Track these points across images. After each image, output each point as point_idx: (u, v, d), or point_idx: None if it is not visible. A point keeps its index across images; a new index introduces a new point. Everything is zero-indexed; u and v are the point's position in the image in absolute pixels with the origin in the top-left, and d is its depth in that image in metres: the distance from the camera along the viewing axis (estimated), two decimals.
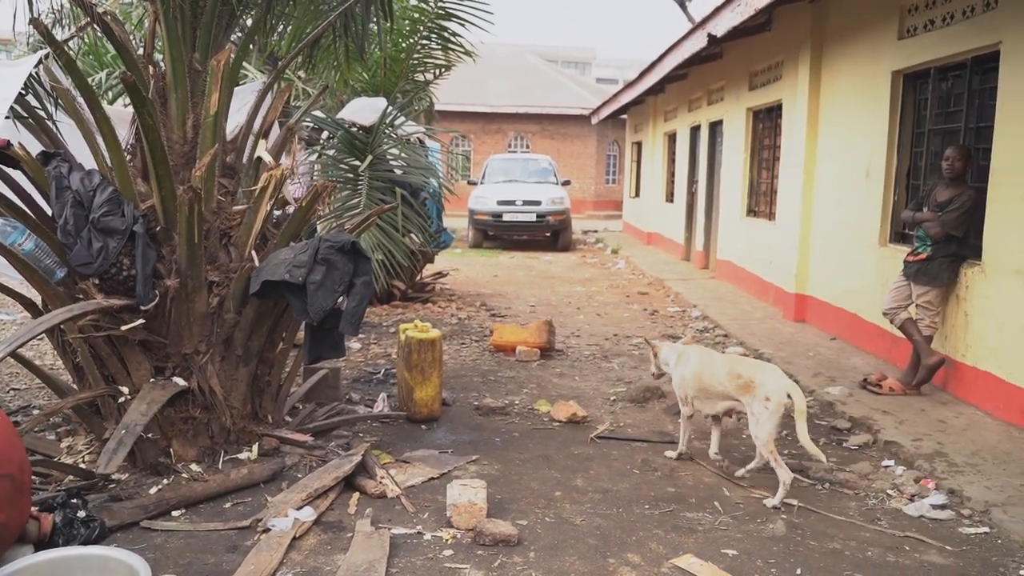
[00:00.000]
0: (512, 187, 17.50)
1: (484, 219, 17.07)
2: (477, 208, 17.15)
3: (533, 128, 31.81)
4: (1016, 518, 3.87)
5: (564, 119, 31.46)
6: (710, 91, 13.22)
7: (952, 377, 5.94)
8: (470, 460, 4.54)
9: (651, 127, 18.05)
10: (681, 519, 3.84)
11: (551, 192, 17.29)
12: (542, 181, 18.23)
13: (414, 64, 9.47)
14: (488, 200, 17.06)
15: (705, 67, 12.71)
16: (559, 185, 18.20)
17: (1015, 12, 5.37)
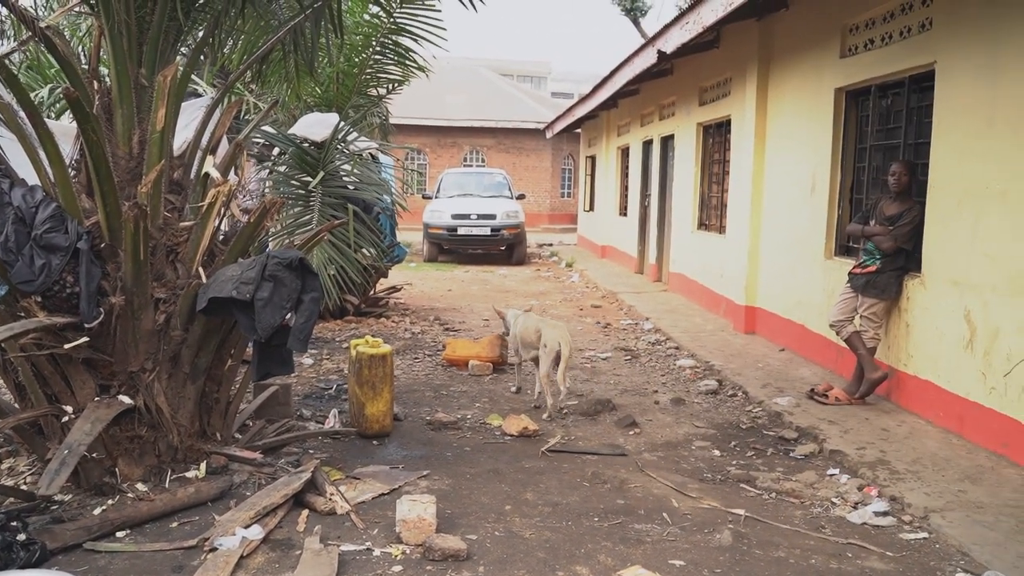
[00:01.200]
0: (467, 201, 17.55)
1: (439, 233, 17.07)
2: (432, 222, 17.16)
3: (489, 142, 31.92)
4: (953, 523, 3.98)
5: (519, 133, 31.62)
6: (662, 106, 13.41)
7: (895, 386, 6.09)
8: (421, 475, 4.54)
9: (604, 141, 18.23)
10: (630, 531, 3.88)
11: (506, 206, 17.36)
12: (497, 195, 18.31)
13: (367, 79, 9.47)
14: (443, 214, 17.08)
15: (656, 83, 12.89)
16: (514, 199, 18.30)
17: (948, 33, 5.55)
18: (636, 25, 28.78)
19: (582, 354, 7.98)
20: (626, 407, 6.04)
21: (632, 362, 7.70)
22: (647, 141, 14.38)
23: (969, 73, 5.32)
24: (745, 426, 5.70)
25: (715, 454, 5.11)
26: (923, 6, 6.00)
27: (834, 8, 7.21)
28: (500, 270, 15.95)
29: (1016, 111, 4.87)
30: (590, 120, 19.14)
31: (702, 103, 11.16)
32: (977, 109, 5.23)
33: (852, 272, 6.14)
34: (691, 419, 5.84)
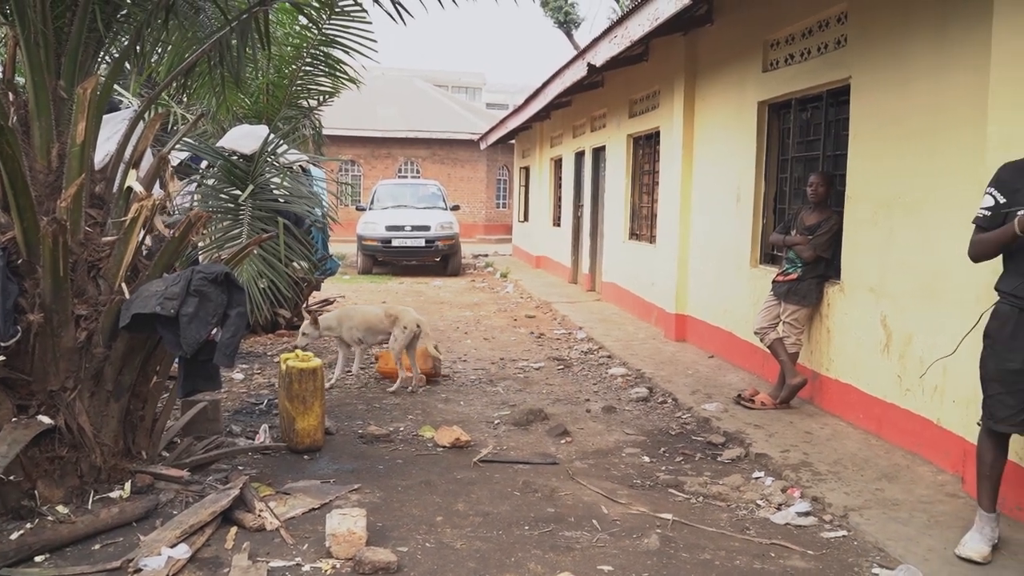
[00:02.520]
0: (401, 213, 17.51)
1: (373, 245, 16.99)
2: (366, 234, 17.07)
3: (423, 153, 31.90)
4: (871, 520, 4.13)
5: (454, 144, 31.67)
6: (593, 118, 13.59)
7: (817, 390, 6.27)
8: (352, 489, 4.52)
9: (538, 152, 18.38)
10: (560, 538, 3.93)
11: (440, 217, 17.37)
12: (431, 206, 18.30)
13: (298, 90, 9.39)
14: (377, 226, 17.01)
15: (588, 95, 13.06)
16: (448, 210, 18.32)
17: (862, 50, 5.76)
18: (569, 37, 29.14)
19: (515, 364, 8.03)
20: (558, 416, 6.10)
21: (565, 371, 7.78)
22: (579, 152, 14.55)
23: (882, 88, 5.53)
24: (674, 432, 5.80)
25: (645, 460, 5.19)
26: (838, 23, 6.22)
27: (756, 24, 7.42)
28: (435, 281, 15.94)
29: (925, 124, 5.08)
30: (524, 131, 19.29)
31: (632, 115, 11.35)
32: (890, 122, 5.44)
33: (775, 280, 6.32)
34: (622, 426, 5.93)
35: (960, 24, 4.74)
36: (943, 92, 4.90)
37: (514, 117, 17.31)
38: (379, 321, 6.85)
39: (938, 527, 4.05)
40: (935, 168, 4.98)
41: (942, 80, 4.92)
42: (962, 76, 4.70)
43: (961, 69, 4.73)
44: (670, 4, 6.90)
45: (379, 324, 6.84)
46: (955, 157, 4.77)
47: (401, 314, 6.82)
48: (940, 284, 4.90)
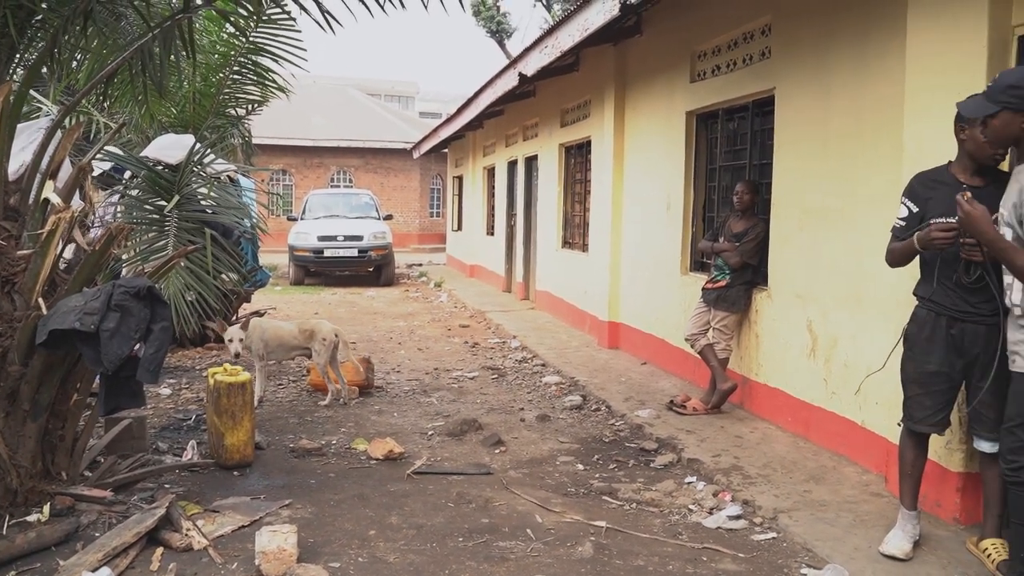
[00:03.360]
0: (333, 222, 17.32)
1: (305, 255, 16.77)
2: (297, 244, 16.84)
3: (356, 162, 31.65)
4: (799, 522, 4.21)
5: (387, 153, 31.50)
6: (525, 127, 13.65)
7: (748, 395, 6.38)
8: (283, 504, 4.44)
9: (471, 161, 18.39)
10: (494, 549, 3.91)
11: (373, 227, 17.24)
12: (364, 216, 18.15)
13: (226, 99, 9.23)
14: (309, 236, 16.79)
15: (520, 104, 13.12)
16: (381, 220, 18.19)
17: (786, 61, 5.91)
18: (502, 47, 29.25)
19: (449, 374, 8.00)
20: (492, 426, 6.09)
21: (499, 381, 7.77)
22: (512, 161, 14.60)
23: (805, 99, 5.67)
24: (608, 439, 5.84)
25: (579, 468, 5.21)
26: (763, 35, 6.36)
27: (684, 35, 7.55)
28: (368, 292, 15.79)
29: (845, 135, 5.23)
30: (457, 140, 19.29)
31: (564, 124, 11.43)
32: (813, 132, 5.58)
33: (705, 287, 6.42)
34: (556, 435, 5.94)
35: (878, 37, 4.89)
36: (863, 102, 5.05)
37: (447, 126, 17.29)
38: (292, 337, 6.74)
39: (863, 526, 4.15)
40: (857, 176, 5.12)
41: (862, 91, 5.07)
42: (881, 87, 4.85)
43: (880, 81, 4.88)
44: (599, 15, 6.97)
45: (292, 340, 6.73)
46: (875, 166, 4.91)
47: (316, 327, 6.74)
48: (863, 289, 5.04)
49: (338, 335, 6.77)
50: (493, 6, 27.93)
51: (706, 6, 7.08)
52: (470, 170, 18.59)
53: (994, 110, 3.42)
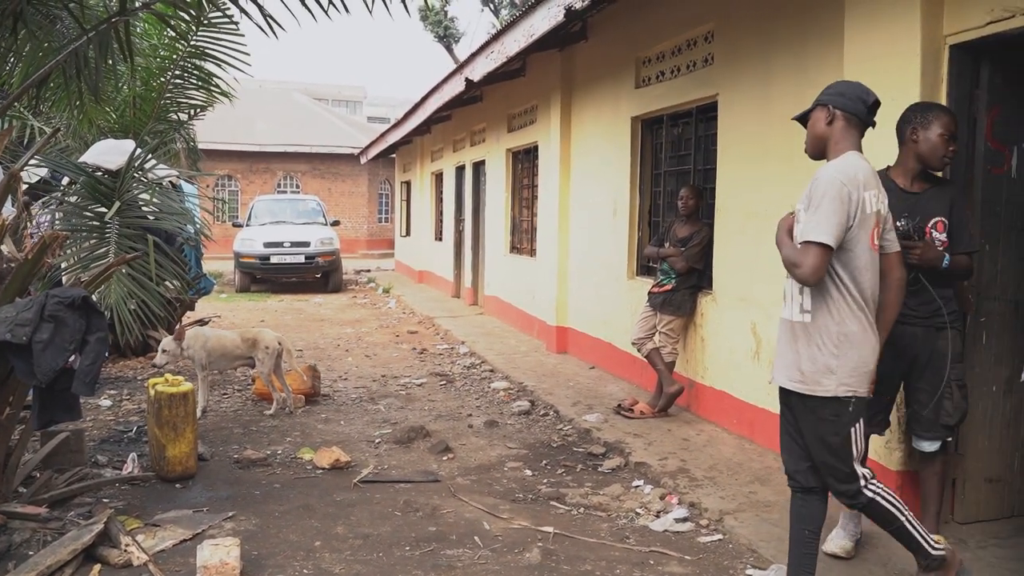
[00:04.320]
0: (279, 229, 17.10)
1: (251, 262, 16.52)
2: (243, 251, 16.58)
3: (303, 167, 31.31)
4: (744, 523, 4.25)
5: (335, 158, 31.21)
6: (472, 132, 13.64)
7: (694, 398, 6.44)
8: (226, 517, 4.35)
9: (419, 167, 18.32)
10: (441, 557, 3.88)
11: (320, 233, 17.06)
12: (310, 222, 17.95)
13: (167, 103, 9.06)
14: (254, 242, 16.55)
15: (467, 109, 13.10)
16: (328, 225, 18.01)
17: (728, 68, 5.98)
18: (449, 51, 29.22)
19: (397, 381, 7.94)
20: (440, 432, 6.05)
21: (447, 387, 7.73)
22: (460, 166, 14.58)
23: (746, 105, 5.75)
24: (556, 444, 5.85)
25: (527, 474, 5.20)
26: (706, 42, 6.44)
27: (629, 42, 7.61)
28: (315, 298, 15.62)
29: (785, 141, 5.30)
30: (405, 145, 19.19)
31: (511, 130, 11.44)
32: (754, 138, 5.66)
33: (651, 291, 6.47)
34: (504, 441, 5.93)
35: (817, 45, 4.98)
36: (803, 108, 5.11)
37: (394, 131, 17.20)
38: (235, 346, 6.62)
39: None
40: (797, 182, 5.18)
41: (802, 97, 5.11)
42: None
43: (819, 87, 4.92)
44: (544, 21, 6.99)
45: (235, 349, 6.62)
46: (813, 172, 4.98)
47: (259, 336, 6.66)
48: None
49: (282, 343, 6.67)
50: (440, 11, 27.91)
51: (650, 13, 7.14)
52: (418, 175, 18.52)
53: None
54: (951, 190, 3.76)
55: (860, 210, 3.05)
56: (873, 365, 3.13)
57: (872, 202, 3.08)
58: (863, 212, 3.05)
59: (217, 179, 29.53)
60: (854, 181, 3.06)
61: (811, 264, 3.00)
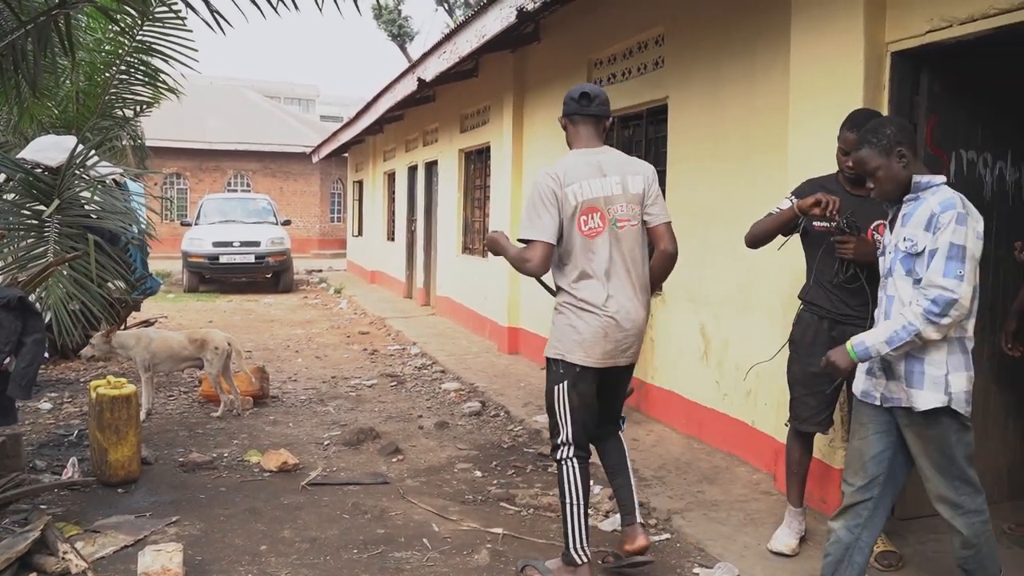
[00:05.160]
0: (229, 228, 16.86)
1: (199, 262, 16.26)
2: (191, 250, 16.31)
3: (254, 166, 30.95)
4: (692, 522, 4.29)
5: (287, 157, 30.90)
6: (425, 132, 13.59)
7: (643, 398, 6.49)
8: (170, 522, 4.27)
9: (371, 166, 18.20)
10: (389, 560, 3.85)
11: (270, 232, 16.86)
12: (261, 221, 17.74)
13: (112, 99, 8.87)
14: (203, 242, 16.29)
15: (420, 109, 13.05)
16: (279, 225, 17.81)
17: (678, 71, 6.04)
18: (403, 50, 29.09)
19: (347, 383, 7.87)
20: (390, 434, 6.01)
21: (398, 388, 7.69)
22: (412, 166, 14.52)
23: (697, 107, 5.81)
24: (506, 445, 5.84)
25: (477, 475, 5.19)
26: (657, 45, 6.49)
27: (581, 44, 7.64)
28: (266, 299, 15.43)
29: (735, 143, 5.38)
30: (357, 145, 19.06)
31: (463, 130, 11.42)
32: (704, 140, 5.72)
33: None
34: (454, 442, 5.91)
35: (765, 51, 5.04)
36: (752, 112, 5.20)
37: (346, 130, 17.07)
38: (182, 347, 6.50)
39: (753, 524, 4.26)
40: (745, 184, 5.27)
41: (751, 101, 5.22)
42: (768, 98, 5.00)
43: (767, 92, 5.03)
44: (496, 22, 7.00)
45: (183, 350, 6.50)
46: (763, 173, 5.06)
47: (208, 336, 6.55)
48: (752, 293, 5.19)
49: (231, 344, 6.57)
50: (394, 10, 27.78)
51: (602, 15, 7.18)
52: (371, 175, 18.40)
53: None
54: None
55: (563, 204, 3.51)
56: (592, 335, 3.49)
57: (575, 195, 3.51)
58: (566, 204, 3.50)
59: (165, 177, 29.05)
60: (556, 180, 3.52)
61: (537, 257, 3.48)
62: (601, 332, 3.49)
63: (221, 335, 6.63)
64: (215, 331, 6.77)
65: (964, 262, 2.80)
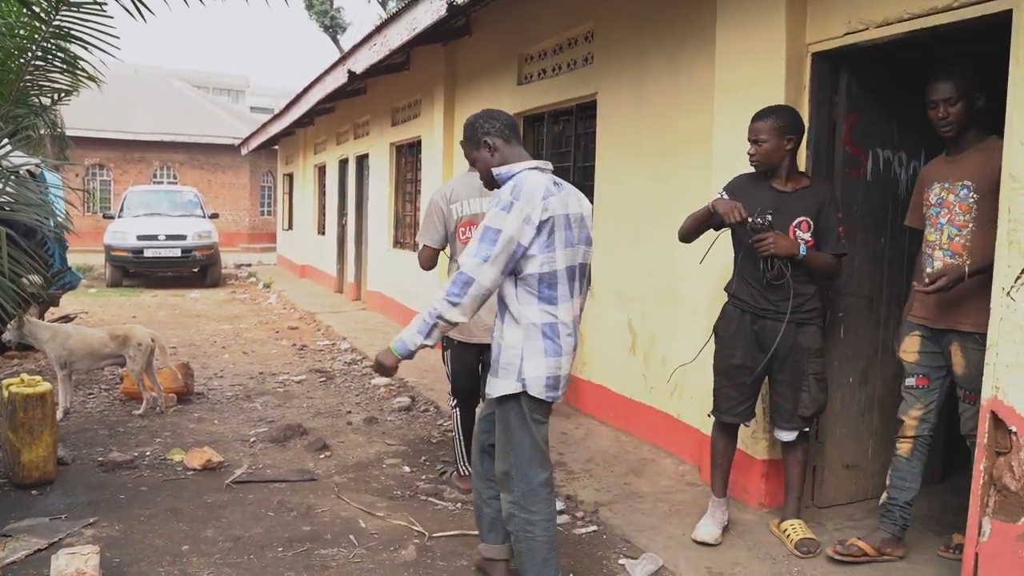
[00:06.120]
0: (154, 221, 16.44)
1: (123, 256, 15.81)
2: (115, 244, 15.84)
3: (181, 158, 30.25)
4: (618, 514, 4.34)
5: (215, 149, 30.27)
6: (356, 125, 13.45)
7: (574, 392, 6.53)
8: (87, 524, 4.14)
9: (302, 159, 17.94)
10: (315, 557, 3.81)
11: (197, 226, 16.49)
12: (188, 214, 17.33)
13: (28, 86, 8.55)
14: (127, 235, 15.84)
15: (351, 102, 12.90)
16: (206, 218, 17.43)
17: (606, 68, 6.09)
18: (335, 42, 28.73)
19: (275, 378, 7.74)
20: (318, 430, 5.94)
21: (327, 383, 7.60)
22: (343, 160, 14.35)
23: (624, 104, 5.86)
24: (436, 440, 5.83)
25: (405, 471, 5.17)
26: (586, 42, 6.53)
27: (512, 39, 7.64)
28: (192, 293, 15.09)
29: (659, 140, 5.45)
30: (287, 137, 18.76)
31: (395, 123, 11.33)
32: (630, 136, 5.78)
33: None
34: (383, 437, 5.87)
35: (690, 49, 5.12)
36: (678, 109, 5.28)
37: (276, 122, 16.78)
38: (103, 344, 6.29)
39: (678, 515, 4.33)
40: (672, 178, 5.34)
41: (677, 98, 5.29)
42: (694, 95, 5.08)
43: (693, 88, 5.11)
44: (427, 15, 6.94)
45: (103, 347, 6.29)
46: (689, 169, 5.14)
47: (130, 332, 6.35)
48: (678, 287, 5.26)
49: (154, 340, 6.40)
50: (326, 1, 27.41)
51: (532, 11, 7.19)
52: (301, 168, 18.13)
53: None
54: (824, 192, 3.90)
55: (448, 218, 4.49)
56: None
57: (458, 211, 4.47)
58: (450, 219, 4.48)
59: (88, 168, 28.21)
60: (445, 199, 4.51)
61: (423, 258, 4.70)
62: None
63: (144, 331, 6.45)
64: (138, 327, 6.59)
65: (495, 244, 2.96)
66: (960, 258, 3.50)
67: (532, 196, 3.00)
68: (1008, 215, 3.03)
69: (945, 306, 3.54)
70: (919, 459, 3.74)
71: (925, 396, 3.70)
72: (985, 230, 3.35)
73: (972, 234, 3.47)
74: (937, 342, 3.63)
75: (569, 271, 3.13)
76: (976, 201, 3.47)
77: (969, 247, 3.48)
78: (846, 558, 3.72)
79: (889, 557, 3.76)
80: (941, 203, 3.60)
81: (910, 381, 3.74)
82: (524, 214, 2.97)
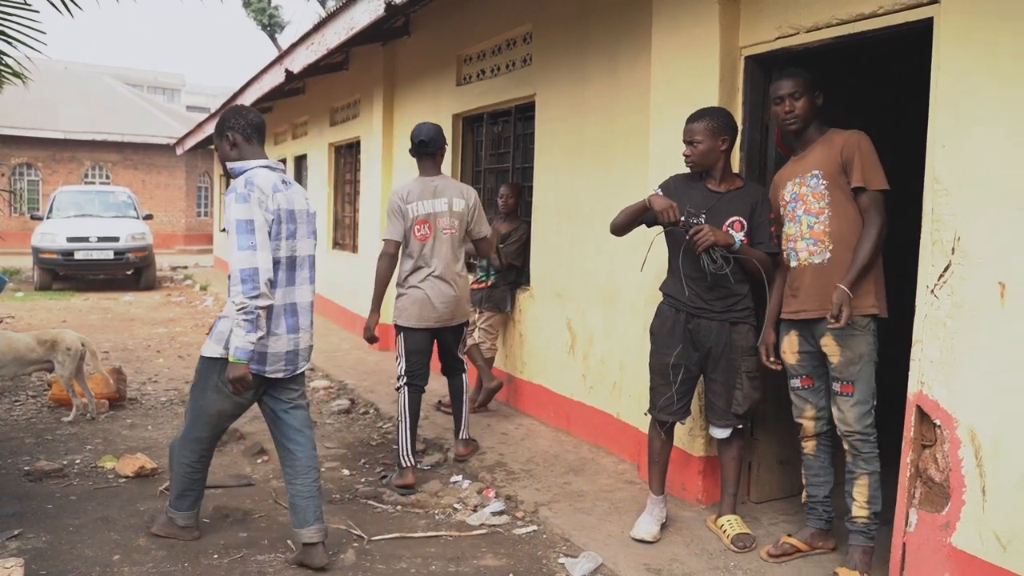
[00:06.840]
0: (85, 222, 15.98)
1: (52, 258, 15.34)
2: (43, 246, 15.35)
3: (114, 157, 29.54)
4: (558, 513, 4.36)
5: (150, 148, 29.65)
6: (295, 125, 13.31)
7: (513, 392, 6.55)
8: (11, 535, 4.01)
9: None
10: (252, 563, 3.75)
11: (131, 227, 16.08)
12: (120, 215, 16.89)
13: None
14: (57, 237, 15.37)
15: (289, 101, 12.75)
16: (140, 219, 17.01)
17: (545, 69, 6.12)
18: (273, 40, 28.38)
19: None
20: (255, 434, 5.84)
21: None
22: (281, 160, 14.16)
23: (563, 106, 5.90)
24: (375, 443, 5.79)
25: (345, 474, 5.12)
26: (525, 43, 6.56)
27: (450, 39, 7.63)
28: (126, 296, 14.73)
29: (600, 141, 5.49)
30: None
31: (333, 123, 11.23)
32: (570, 138, 5.81)
33: (471, 288, 6.50)
34: (322, 441, 5.80)
35: (628, 51, 5.17)
36: (615, 110, 5.32)
37: (212, 121, 16.48)
38: (29, 349, 6.09)
39: (617, 513, 4.37)
40: (609, 180, 5.39)
41: (614, 99, 5.34)
42: (631, 96, 5.13)
43: (630, 90, 5.16)
44: (365, 14, 6.89)
45: (30, 352, 6.09)
46: (626, 169, 5.19)
47: (59, 337, 6.19)
48: (615, 288, 5.31)
49: (85, 344, 6.25)
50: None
51: (471, 12, 7.20)
52: None
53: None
54: (756, 193, 3.96)
55: (405, 215, 4.86)
56: (418, 307, 4.98)
57: (413, 210, 4.86)
58: (407, 217, 4.86)
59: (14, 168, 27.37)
60: (402, 198, 4.89)
61: (386, 253, 4.91)
62: (420, 304, 4.95)
63: (73, 335, 6.28)
64: (67, 331, 6.40)
65: (254, 232, 3.42)
66: (822, 244, 3.60)
67: (264, 189, 3.48)
68: (932, 215, 3.14)
69: (822, 294, 3.59)
70: (825, 453, 3.84)
71: (813, 396, 3.78)
72: (840, 213, 3.55)
73: (829, 219, 3.59)
74: (812, 337, 3.70)
75: (289, 261, 3.62)
76: (827, 187, 3.60)
77: (829, 231, 3.59)
78: (781, 558, 3.79)
79: (821, 550, 3.85)
80: (795, 197, 3.72)
81: (795, 383, 3.82)
82: (263, 204, 3.46)
